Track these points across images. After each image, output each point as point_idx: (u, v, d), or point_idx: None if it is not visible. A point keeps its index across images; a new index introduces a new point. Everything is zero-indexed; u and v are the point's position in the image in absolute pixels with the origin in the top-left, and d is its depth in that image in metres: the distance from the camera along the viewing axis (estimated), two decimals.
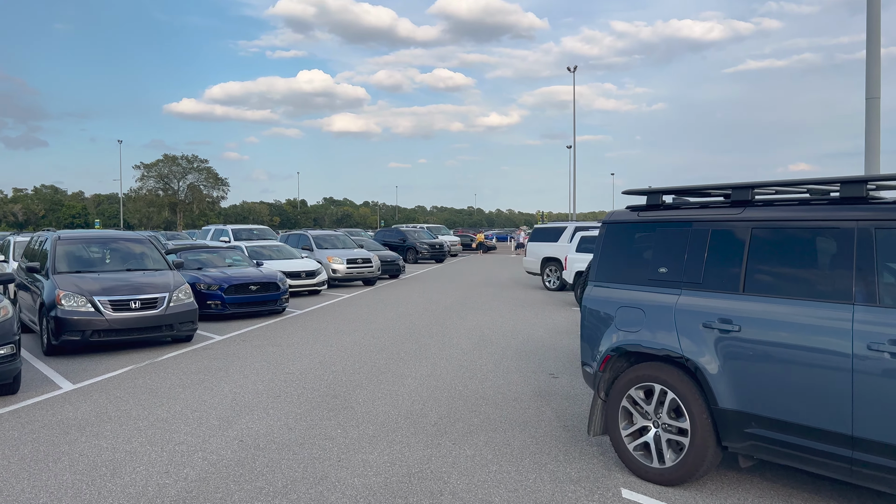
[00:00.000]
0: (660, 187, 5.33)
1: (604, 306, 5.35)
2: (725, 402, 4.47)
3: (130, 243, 11.73)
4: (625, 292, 5.22)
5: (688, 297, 4.78)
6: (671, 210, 5.17)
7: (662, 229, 5.10)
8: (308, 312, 14.72)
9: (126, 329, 9.85)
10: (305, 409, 6.90)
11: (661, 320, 4.87)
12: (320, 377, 8.33)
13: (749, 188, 4.76)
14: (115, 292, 9.95)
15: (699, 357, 4.61)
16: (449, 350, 10.14)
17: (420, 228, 38.43)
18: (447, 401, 7.19)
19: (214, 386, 7.90)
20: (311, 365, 9.07)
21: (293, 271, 17.77)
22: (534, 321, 13.27)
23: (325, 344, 10.68)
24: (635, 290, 5.15)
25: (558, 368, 8.86)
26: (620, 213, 5.54)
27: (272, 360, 9.43)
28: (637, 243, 5.30)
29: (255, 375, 8.43)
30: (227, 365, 9.10)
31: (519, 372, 8.63)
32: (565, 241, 19.51)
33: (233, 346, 10.61)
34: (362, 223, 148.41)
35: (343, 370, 8.73)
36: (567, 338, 11.29)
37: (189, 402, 7.18)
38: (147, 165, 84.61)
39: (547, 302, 16.75)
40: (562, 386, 7.89)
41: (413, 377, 8.32)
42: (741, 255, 4.57)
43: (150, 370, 8.79)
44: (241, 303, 13.49)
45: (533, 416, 6.63)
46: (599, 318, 5.36)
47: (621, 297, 5.22)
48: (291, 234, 23.58)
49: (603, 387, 5.25)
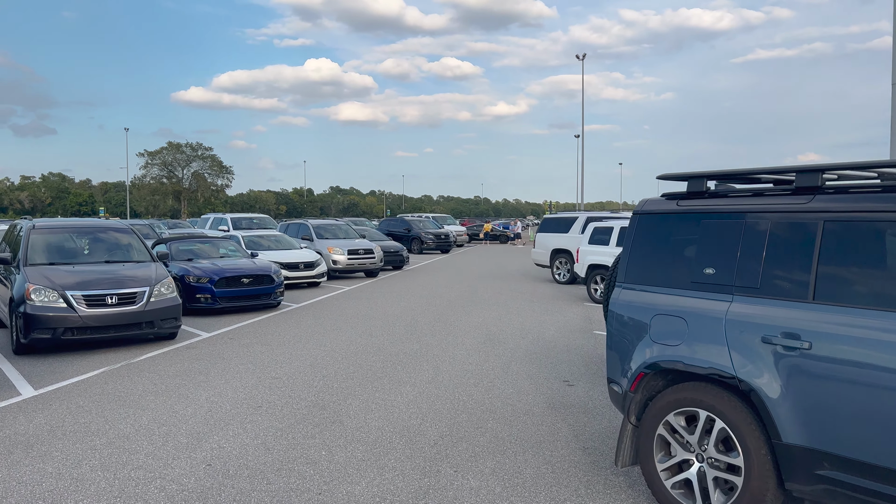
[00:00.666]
0: (703, 171, 4.44)
1: (636, 313, 4.48)
2: (790, 436, 3.61)
3: (111, 233, 10.91)
4: (662, 297, 4.35)
5: (742, 304, 3.91)
6: (718, 199, 4.29)
7: (708, 222, 4.23)
8: (304, 307, 13.91)
9: (102, 326, 9.05)
10: (288, 423, 6.07)
11: (708, 332, 4.01)
12: (309, 383, 7.51)
13: (818, 172, 3.87)
14: (91, 286, 9.14)
15: (756, 379, 3.74)
16: (452, 351, 9.30)
17: (425, 218, 37.57)
18: (449, 414, 6.36)
19: (191, 393, 7.08)
20: (301, 368, 8.24)
21: (291, 262, 16.95)
22: (544, 318, 12.42)
23: (318, 343, 9.86)
24: (675, 294, 4.28)
25: (573, 374, 8.01)
26: (655, 202, 4.67)
27: (259, 361, 8.62)
28: (676, 238, 4.43)
29: (237, 381, 7.62)
30: (208, 367, 8.28)
31: (529, 378, 7.79)
32: (576, 233, 18.61)
33: (219, 344, 9.80)
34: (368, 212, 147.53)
35: (335, 374, 7.91)
36: (581, 337, 10.43)
37: (158, 413, 6.37)
38: (151, 153, 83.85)
39: (557, 296, 15.89)
40: (578, 396, 7.04)
41: (412, 384, 7.49)
42: (810, 254, 3.70)
43: (123, 373, 7.99)
44: (233, 296, 12.68)
45: (547, 435, 5.79)
46: (630, 328, 4.50)
47: (657, 303, 4.36)
48: (291, 223, 22.75)
49: (634, 410, 4.40)
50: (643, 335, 4.38)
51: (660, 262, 4.46)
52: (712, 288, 4.09)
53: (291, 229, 21.88)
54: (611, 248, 14.62)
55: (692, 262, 4.25)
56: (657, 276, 4.44)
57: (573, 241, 18.43)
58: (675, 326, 4.20)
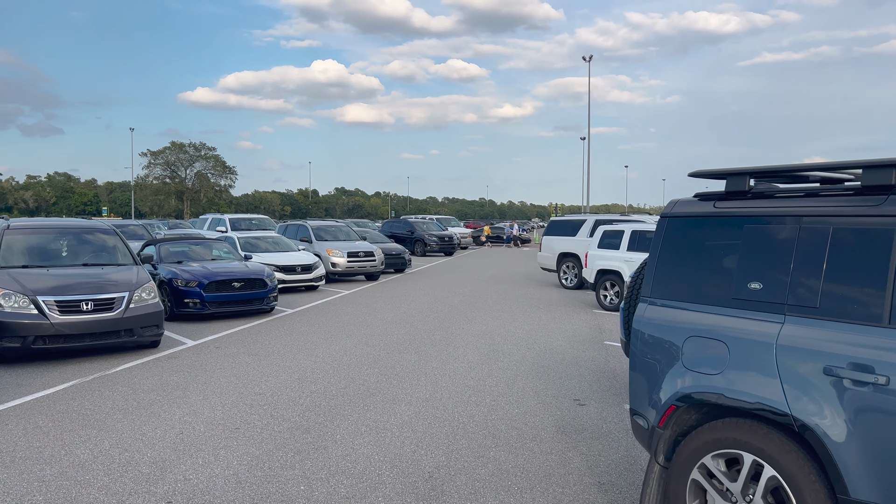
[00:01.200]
0: (744, 167, 3.77)
1: (665, 334, 3.81)
2: (862, 492, 2.93)
3: (92, 234, 10.28)
4: (696, 316, 3.68)
5: (797, 327, 3.24)
6: (764, 200, 3.62)
7: (754, 227, 3.55)
8: (299, 312, 13.25)
9: (76, 335, 8.41)
10: (266, 449, 5.41)
11: (755, 360, 3.34)
12: (295, 400, 6.85)
13: (891, 167, 3.19)
14: (65, 291, 8.51)
15: (817, 418, 3.07)
16: (453, 364, 8.63)
17: (429, 220, 36.91)
18: (447, 440, 5.69)
19: (163, 411, 6.43)
20: (288, 382, 7.59)
21: (287, 265, 16.31)
22: (551, 326, 11.74)
23: (309, 353, 9.20)
24: (713, 312, 3.61)
25: (584, 391, 7.34)
26: (687, 204, 3.99)
27: (243, 374, 7.96)
28: (713, 246, 3.75)
29: (216, 397, 6.97)
30: (188, 381, 7.64)
31: (536, 396, 7.11)
32: (584, 236, 17.93)
33: (203, 354, 9.15)
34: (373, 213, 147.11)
35: (324, 390, 7.25)
36: (591, 348, 9.75)
37: (123, 435, 5.72)
38: (154, 153, 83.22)
39: (564, 302, 15.21)
40: (590, 418, 6.37)
41: (407, 402, 6.82)
42: (885, 268, 3.02)
43: (94, 387, 7.35)
44: (223, 301, 12.03)
45: (557, 466, 5.12)
46: (658, 352, 3.82)
47: (691, 323, 3.68)
48: (290, 224, 22.11)
49: (663, 449, 3.73)
50: (674, 361, 3.71)
51: (693, 275, 3.79)
52: (759, 306, 3.42)
53: (290, 231, 21.25)
54: (621, 252, 13.94)
55: (733, 274, 3.58)
56: (690, 290, 3.77)
57: (581, 244, 17.75)
58: (713, 351, 3.52)
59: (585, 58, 51.43)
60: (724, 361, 3.46)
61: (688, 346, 3.65)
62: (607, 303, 14.01)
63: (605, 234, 14.59)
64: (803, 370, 3.16)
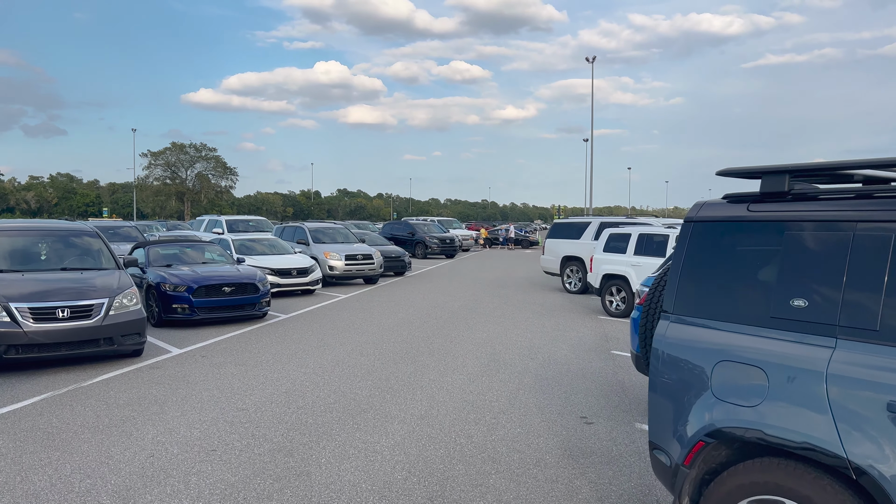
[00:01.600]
0: (784, 165, 3.27)
1: (691, 357, 3.30)
2: None
3: (73, 236, 9.78)
4: (728, 336, 3.17)
5: (852, 353, 2.74)
6: (808, 202, 3.12)
7: (796, 234, 3.05)
8: (293, 318, 12.75)
9: (51, 344, 7.93)
10: (243, 475, 4.91)
11: (801, 391, 2.83)
12: (280, 417, 6.35)
13: None
14: (40, 298, 8.02)
15: (879, 464, 2.57)
16: (452, 375, 8.12)
17: (430, 221, 36.41)
18: (442, 464, 5.18)
19: (136, 430, 5.94)
20: (274, 396, 7.09)
21: (282, 268, 15.82)
22: (555, 334, 11.23)
23: (299, 363, 8.70)
24: (747, 333, 3.10)
25: (591, 408, 6.83)
26: (716, 207, 3.49)
27: (227, 387, 7.47)
28: (747, 255, 3.25)
29: (195, 413, 6.47)
30: (167, 394, 7.14)
31: (540, 413, 6.61)
32: (589, 239, 17.42)
33: (187, 364, 8.66)
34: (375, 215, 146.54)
35: (312, 406, 6.75)
36: (597, 359, 9.24)
37: (88, 458, 5.22)
38: (154, 153, 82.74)
39: (568, 308, 14.69)
40: (599, 438, 5.86)
41: (401, 420, 6.31)
42: None
43: (66, 401, 6.85)
44: (213, 307, 11.54)
45: (563, 496, 4.61)
46: (684, 376, 3.32)
47: (722, 345, 3.18)
48: (287, 226, 21.61)
49: (689, 491, 3.22)
50: (702, 389, 3.20)
51: (724, 289, 3.28)
52: (804, 327, 2.91)
53: (287, 233, 20.75)
54: (628, 256, 13.42)
55: (772, 289, 3.08)
56: (720, 306, 3.26)
57: (585, 248, 17.24)
58: (749, 379, 3.02)
59: (589, 59, 51.11)
60: (762, 392, 2.95)
61: (718, 372, 3.14)
62: (613, 309, 13.50)
63: (612, 237, 14.07)
64: (861, 405, 2.65)
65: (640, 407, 6.89)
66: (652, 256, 13.01)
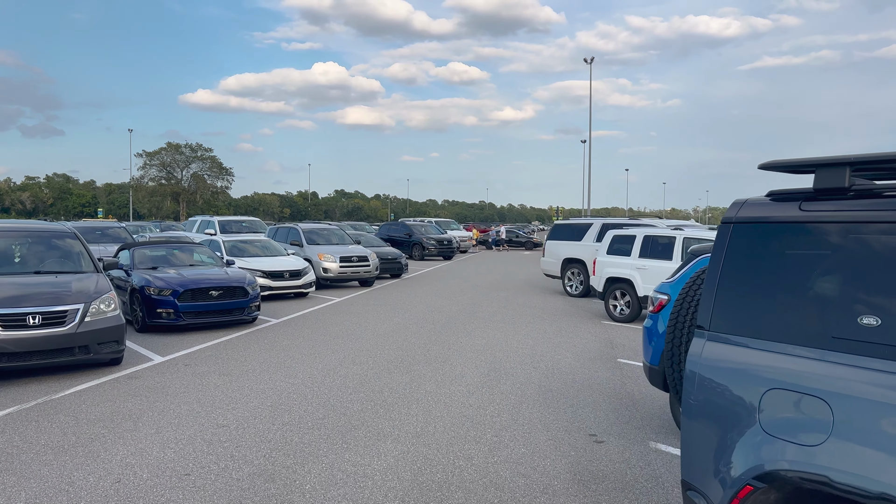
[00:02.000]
0: (843, 156, 2.77)
1: (735, 383, 2.80)
2: None
3: (49, 238, 9.26)
4: (780, 360, 2.67)
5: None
6: (875, 200, 2.62)
7: (864, 238, 2.55)
8: (284, 322, 12.24)
9: (22, 352, 7.41)
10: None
11: (876, 429, 2.33)
12: (263, 435, 5.84)
13: None
14: (10, 303, 7.50)
15: None
16: (450, 387, 7.62)
17: (428, 223, 35.90)
18: (439, 491, 4.68)
19: (105, 450, 5.42)
20: (259, 411, 6.57)
21: (274, 271, 15.30)
22: (557, 340, 10.73)
23: (287, 373, 8.18)
24: (804, 356, 2.60)
25: (600, 424, 6.32)
26: (760, 206, 2.99)
27: (209, 400, 6.95)
28: (800, 263, 2.75)
29: (171, 430, 5.95)
30: (143, 408, 6.62)
31: (546, 430, 6.10)
32: (590, 240, 16.94)
33: (168, 374, 8.14)
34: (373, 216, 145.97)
35: (299, 422, 6.23)
36: (603, 368, 8.74)
37: (48, 485, 4.71)
38: (149, 154, 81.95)
39: (570, 312, 14.19)
40: (611, 460, 5.35)
41: (394, 438, 5.80)
42: None
43: (33, 416, 6.33)
44: (199, 311, 11.02)
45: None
46: (726, 406, 2.82)
47: (772, 369, 2.68)
48: (280, 227, 21.07)
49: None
50: (749, 422, 2.70)
51: (772, 302, 2.78)
52: (877, 350, 2.41)
53: (280, 234, 20.22)
54: (632, 259, 12.93)
55: (834, 303, 2.58)
56: (769, 323, 2.77)
57: (587, 249, 16.76)
58: (807, 412, 2.52)
59: (587, 60, 50.81)
60: (825, 428, 2.45)
61: (769, 403, 2.64)
62: (617, 314, 13.00)
63: (615, 239, 13.58)
64: None
65: (653, 423, 6.39)
66: (657, 259, 12.52)
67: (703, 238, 12.19)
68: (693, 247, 6.60)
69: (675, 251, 12.26)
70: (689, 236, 12.32)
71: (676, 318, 3.56)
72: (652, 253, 12.70)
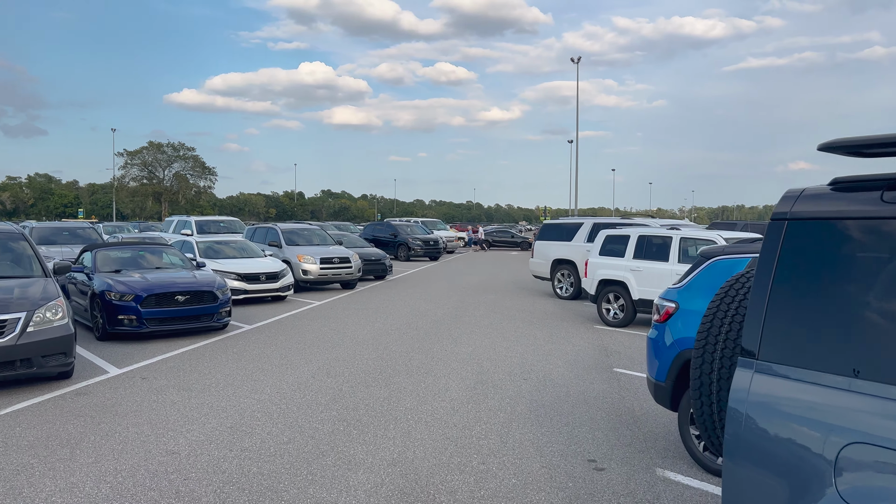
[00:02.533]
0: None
1: (797, 430, 2.12)
2: None
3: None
4: (863, 402, 1.99)
5: None
6: None
7: None
8: (257, 329, 11.48)
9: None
10: None
11: None
12: (216, 465, 5.10)
13: None
14: None
15: None
16: (432, 402, 6.92)
17: (414, 223, 35.17)
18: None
19: (28, 486, 4.67)
20: (215, 434, 5.84)
21: (249, 273, 14.53)
22: (549, 348, 10.06)
23: (254, 387, 7.45)
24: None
25: (600, 446, 5.65)
26: (823, 199, 2.31)
27: (162, 421, 6.20)
28: (887, 272, 2.07)
29: (112, 458, 5.20)
30: (85, 432, 5.87)
31: (539, 455, 5.41)
32: (581, 241, 16.30)
33: (122, 388, 7.38)
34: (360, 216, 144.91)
35: (259, 447, 5.50)
36: (599, 379, 8.07)
37: None
38: (130, 153, 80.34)
39: (561, 315, 13.53)
40: (614, 492, 4.67)
41: (367, 467, 5.09)
42: None
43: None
44: (164, 318, 10.24)
45: None
46: (783, 458, 2.13)
47: (852, 415, 2.00)
48: (259, 227, 20.25)
49: None
50: (819, 486, 2.01)
51: (848, 325, 2.10)
52: None
53: (259, 234, 19.41)
54: (626, 260, 12.28)
55: None
56: (845, 353, 2.08)
57: (577, 250, 16.12)
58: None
59: (574, 59, 50.40)
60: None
61: (850, 463, 1.96)
62: (611, 318, 12.35)
63: (608, 239, 12.92)
64: None
65: (658, 444, 5.72)
66: (653, 261, 11.88)
67: (701, 238, 11.57)
68: (703, 248, 5.94)
69: (671, 252, 11.62)
70: (687, 236, 11.69)
71: (706, 340, 2.85)
72: (647, 254, 12.06)
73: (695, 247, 11.71)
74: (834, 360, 2.10)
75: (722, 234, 11.49)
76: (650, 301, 11.79)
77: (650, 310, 12.03)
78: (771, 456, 2.17)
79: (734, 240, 10.77)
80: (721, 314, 2.79)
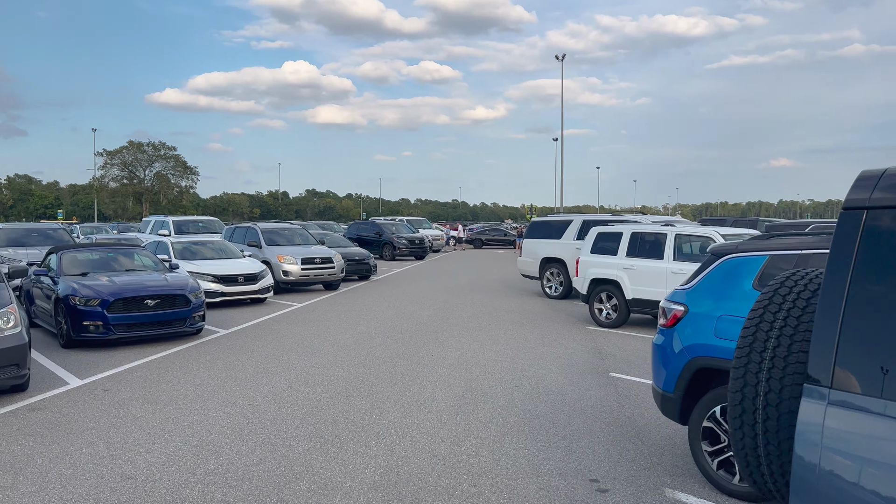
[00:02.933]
0: None
1: (891, 482, 1.61)
2: None
3: None
4: None
5: None
6: None
7: None
8: (233, 334, 10.90)
9: None
10: None
11: None
12: (176, 492, 4.55)
13: None
14: None
15: None
16: (418, 414, 6.40)
17: (399, 221, 34.60)
18: None
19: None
20: (178, 454, 5.28)
21: (227, 275, 13.93)
22: (541, 351, 9.57)
23: (225, 399, 6.89)
24: None
25: (601, 463, 5.16)
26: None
27: (120, 440, 5.64)
28: None
29: (58, 486, 4.64)
30: (34, 453, 5.30)
31: (535, 475, 4.91)
32: (570, 238, 15.82)
33: (81, 402, 6.80)
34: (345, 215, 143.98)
35: (226, 471, 4.96)
36: (595, 385, 7.59)
37: None
38: (110, 153, 78.91)
39: (551, 316, 13.06)
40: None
41: (345, 493, 4.57)
42: None
43: None
44: (133, 323, 9.64)
45: None
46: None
47: None
48: (238, 227, 19.60)
49: None
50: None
51: None
52: None
53: (238, 234, 18.76)
54: (619, 259, 11.82)
55: None
56: None
57: (567, 248, 15.66)
58: None
59: (559, 57, 50.00)
60: None
61: None
62: (603, 318, 11.89)
63: (600, 236, 12.46)
64: None
65: (664, 460, 5.25)
66: (647, 259, 11.44)
67: (697, 234, 11.14)
68: (713, 246, 5.46)
69: (666, 250, 11.18)
70: (682, 233, 11.25)
71: (748, 359, 2.33)
72: (640, 252, 11.61)
73: (689, 244, 11.28)
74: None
75: (718, 230, 11.06)
76: (644, 300, 11.34)
77: (644, 310, 11.59)
78: (858, 498, 1.67)
79: (731, 236, 10.35)
80: (766, 326, 2.29)
